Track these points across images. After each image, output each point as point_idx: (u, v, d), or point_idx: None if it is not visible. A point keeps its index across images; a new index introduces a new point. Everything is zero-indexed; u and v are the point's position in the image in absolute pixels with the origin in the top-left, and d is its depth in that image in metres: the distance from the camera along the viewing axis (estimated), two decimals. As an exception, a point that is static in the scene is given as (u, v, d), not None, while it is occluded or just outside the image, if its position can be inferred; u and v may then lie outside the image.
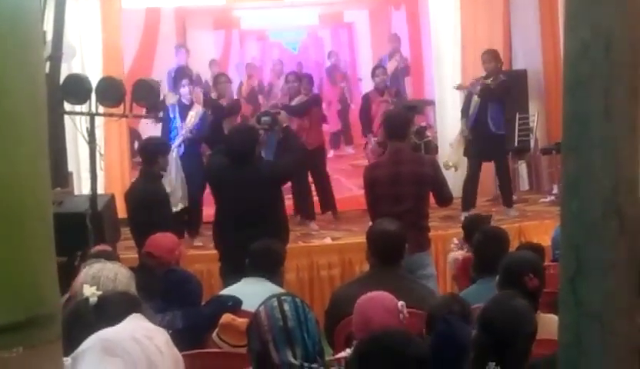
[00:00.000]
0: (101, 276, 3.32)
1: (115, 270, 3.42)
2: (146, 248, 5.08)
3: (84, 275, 3.38)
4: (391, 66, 11.40)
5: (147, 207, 6.40)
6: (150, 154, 6.77)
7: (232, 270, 5.37)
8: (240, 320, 4.08)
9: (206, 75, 12.05)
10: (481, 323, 3.06)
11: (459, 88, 9.57)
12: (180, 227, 8.02)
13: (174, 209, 7.44)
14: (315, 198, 9.49)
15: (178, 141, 8.51)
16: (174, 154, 8.20)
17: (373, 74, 9.69)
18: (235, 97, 11.14)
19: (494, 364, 2.86)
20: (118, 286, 3.29)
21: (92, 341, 2.46)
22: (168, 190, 7.60)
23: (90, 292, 2.79)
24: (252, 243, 4.99)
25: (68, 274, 4.08)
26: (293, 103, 9.32)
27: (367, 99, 9.66)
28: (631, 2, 1.59)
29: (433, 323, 3.36)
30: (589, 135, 1.56)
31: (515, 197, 9.90)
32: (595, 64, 1.56)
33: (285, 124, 6.08)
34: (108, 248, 5.42)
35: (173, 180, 8.07)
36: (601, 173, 1.55)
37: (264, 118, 6.07)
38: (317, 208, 9.48)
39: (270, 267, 4.87)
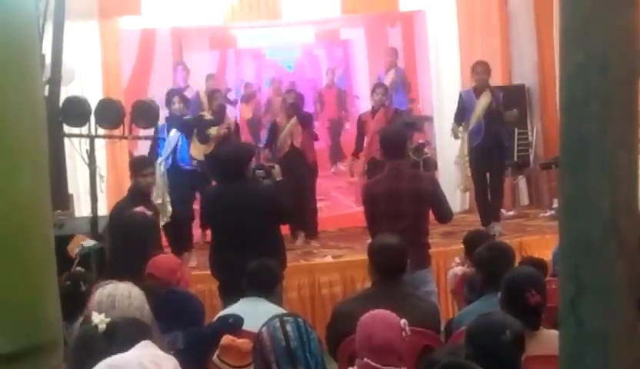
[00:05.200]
0: (115, 294, 3.39)
1: (128, 288, 3.46)
2: (148, 269, 5.06)
3: (98, 296, 3.42)
4: (387, 79, 11.30)
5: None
6: (130, 171, 6.83)
7: (230, 294, 5.32)
8: (240, 340, 4.08)
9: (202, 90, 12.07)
10: (466, 338, 3.12)
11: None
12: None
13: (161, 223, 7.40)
14: None
15: (165, 154, 8.49)
16: (161, 168, 8.13)
17: (372, 92, 9.46)
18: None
19: None
20: (133, 302, 3.39)
21: (100, 367, 2.46)
22: (159, 201, 7.58)
23: (99, 319, 2.78)
24: (248, 264, 4.98)
25: (74, 299, 4.13)
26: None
27: (360, 121, 9.45)
28: (626, 21, 1.59)
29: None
30: (587, 157, 1.56)
31: (514, 213, 9.89)
32: (591, 85, 1.56)
33: (278, 178, 6.12)
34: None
35: (162, 195, 7.98)
36: (600, 194, 1.55)
37: (258, 171, 6.14)
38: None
39: (267, 285, 4.84)
